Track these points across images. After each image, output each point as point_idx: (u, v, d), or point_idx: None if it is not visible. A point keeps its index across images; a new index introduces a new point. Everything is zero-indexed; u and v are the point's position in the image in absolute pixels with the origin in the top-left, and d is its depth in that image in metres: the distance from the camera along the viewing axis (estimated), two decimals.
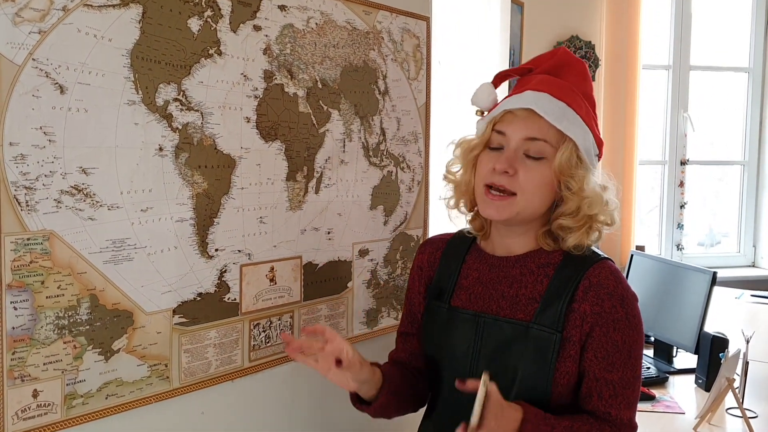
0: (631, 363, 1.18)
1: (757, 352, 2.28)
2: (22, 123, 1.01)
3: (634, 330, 1.19)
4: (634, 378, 1.19)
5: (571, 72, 1.28)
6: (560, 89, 1.24)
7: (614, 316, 1.17)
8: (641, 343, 1.21)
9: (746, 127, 4.23)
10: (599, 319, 1.17)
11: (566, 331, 1.17)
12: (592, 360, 1.18)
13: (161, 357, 1.22)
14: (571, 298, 1.19)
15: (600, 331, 1.17)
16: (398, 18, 1.64)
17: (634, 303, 1.21)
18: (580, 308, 1.18)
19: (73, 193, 1.07)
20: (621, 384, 1.17)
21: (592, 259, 1.23)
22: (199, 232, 1.26)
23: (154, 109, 1.17)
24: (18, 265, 1.02)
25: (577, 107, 1.24)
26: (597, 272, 1.20)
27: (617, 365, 1.17)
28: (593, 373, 1.18)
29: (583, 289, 1.19)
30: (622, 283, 1.21)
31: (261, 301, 1.39)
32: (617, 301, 1.18)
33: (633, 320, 1.19)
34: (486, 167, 1.24)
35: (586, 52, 3.72)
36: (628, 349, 1.18)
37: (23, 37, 1.00)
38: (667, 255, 4.12)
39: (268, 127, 1.36)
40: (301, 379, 1.51)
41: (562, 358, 1.17)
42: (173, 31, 1.19)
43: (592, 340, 1.18)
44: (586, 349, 1.18)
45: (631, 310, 1.19)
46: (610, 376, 1.17)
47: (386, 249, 1.68)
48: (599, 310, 1.17)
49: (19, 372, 1.03)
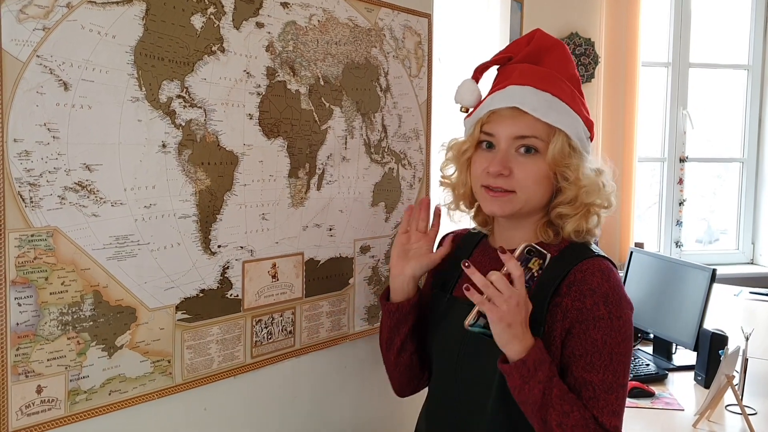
0: (612, 367, 1.13)
1: (757, 349, 2.29)
2: (27, 119, 1.01)
3: (617, 332, 1.14)
4: (617, 384, 1.14)
5: (552, 56, 1.27)
6: (543, 79, 1.23)
7: (595, 314, 1.13)
8: (627, 348, 1.16)
9: (745, 125, 4.24)
10: (579, 316, 1.14)
11: (548, 326, 1.16)
12: (571, 357, 1.15)
13: (164, 353, 1.22)
14: (555, 292, 1.17)
15: (580, 327, 1.14)
16: (400, 15, 1.64)
17: (621, 305, 1.16)
18: (562, 303, 1.16)
19: (77, 190, 1.07)
20: (602, 387, 1.13)
21: (585, 255, 1.20)
22: (202, 229, 1.26)
23: (158, 106, 1.17)
24: (22, 261, 1.02)
25: (563, 94, 1.22)
26: (584, 268, 1.18)
27: (597, 366, 1.13)
28: (572, 370, 1.15)
29: (567, 284, 1.17)
30: (610, 282, 1.16)
31: (263, 298, 1.39)
32: (600, 299, 1.14)
33: (617, 321, 1.14)
34: (480, 167, 1.25)
35: (586, 49, 3.72)
36: (609, 351, 1.13)
37: (27, 33, 1.00)
38: (666, 252, 4.13)
39: (270, 124, 1.36)
40: (303, 376, 1.52)
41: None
42: (176, 28, 1.19)
43: (571, 337, 1.15)
44: (566, 345, 1.15)
45: (615, 311, 1.14)
46: (589, 377, 1.13)
47: (388, 246, 1.68)
48: (580, 305, 1.14)
49: (23, 368, 1.04)
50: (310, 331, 1.51)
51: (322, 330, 1.54)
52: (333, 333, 1.57)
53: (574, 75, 1.28)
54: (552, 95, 1.21)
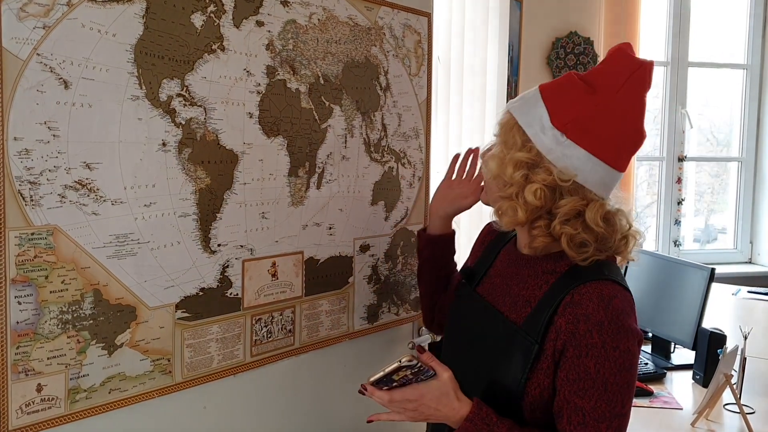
0: (607, 396, 1.07)
1: (755, 348, 2.29)
2: (27, 118, 1.01)
3: (613, 362, 1.07)
4: (612, 414, 1.08)
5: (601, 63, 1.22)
6: (554, 80, 1.21)
7: (588, 341, 1.08)
8: (625, 379, 1.09)
9: (743, 124, 4.24)
10: (572, 339, 1.09)
11: (544, 343, 1.12)
12: (564, 380, 1.10)
13: (164, 352, 1.22)
14: (554, 310, 1.12)
15: (573, 352, 1.09)
16: (400, 14, 1.64)
17: (619, 335, 1.08)
18: (557, 322, 1.11)
19: (77, 188, 1.07)
20: (592, 415, 1.08)
21: (590, 276, 1.13)
22: (202, 228, 1.26)
23: (158, 105, 1.17)
24: (22, 259, 1.02)
25: (547, 87, 1.17)
26: (583, 290, 1.11)
27: (589, 393, 1.08)
28: (563, 393, 1.10)
29: (564, 305, 1.11)
30: (608, 311, 1.08)
31: (263, 296, 1.39)
32: (593, 327, 1.08)
33: (612, 352, 1.07)
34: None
35: (585, 48, 3.72)
36: (603, 381, 1.07)
37: (28, 32, 1.00)
38: (665, 251, 4.13)
39: (270, 123, 1.36)
40: (303, 375, 1.52)
41: (537, 369, 1.12)
42: (176, 26, 1.19)
43: (564, 360, 1.10)
44: (559, 366, 1.11)
45: (610, 341, 1.07)
46: (580, 402, 1.08)
47: (387, 244, 1.68)
48: (573, 329, 1.09)
49: (23, 366, 1.04)
50: (309, 330, 1.51)
51: (321, 329, 1.54)
52: (333, 332, 1.57)
53: (588, 78, 1.17)
54: (538, 88, 1.18)
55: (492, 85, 3.13)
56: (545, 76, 3.53)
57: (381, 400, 1.12)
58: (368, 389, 1.12)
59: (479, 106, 3.06)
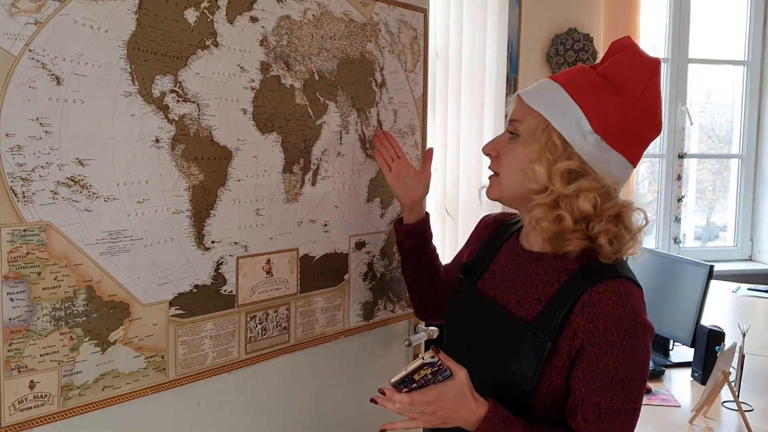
0: (624, 393, 1.09)
1: (753, 345, 2.28)
2: (19, 114, 1.00)
3: (632, 359, 1.09)
4: (627, 409, 1.09)
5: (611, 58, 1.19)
6: (568, 74, 1.18)
7: (608, 340, 1.08)
8: (641, 375, 1.11)
9: (744, 121, 4.23)
10: (591, 338, 1.09)
11: (558, 341, 1.12)
12: (581, 378, 1.10)
13: (158, 349, 1.22)
14: (570, 309, 1.12)
15: (592, 351, 1.09)
16: (395, 9, 1.64)
17: (637, 331, 1.09)
18: (575, 321, 1.11)
19: (70, 185, 1.07)
20: (609, 411, 1.09)
21: (605, 274, 1.13)
22: (196, 224, 1.26)
23: (151, 101, 1.17)
24: (14, 256, 1.02)
25: (572, 86, 1.15)
26: (601, 289, 1.11)
27: (606, 390, 1.09)
28: (580, 391, 1.10)
29: (581, 304, 1.11)
30: (626, 308, 1.10)
31: (257, 294, 1.39)
32: (613, 325, 1.08)
33: (631, 349, 1.09)
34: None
35: (584, 44, 3.71)
36: (621, 378, 1.08)
37: (19, 27, 1.00)
38: (665, 248, 4.12)
39: (264, 119, 1.36)
40: (298, 372, 1.52)
41: (549, 367, 1.12)
42: (170, 22, 1.18)
43: (582, 358, 1.10)
44: (576, 365, 1.11)
45: (629, 338, 1.08)
46: (597, 399, 1.09)
47: (383, 241, 1.68)
48: (593, 328, 1.09)
49: (16, 363, 1.03)
50: (304, 327, 1.51)
51: (316, 326, 1.54)
52: (328, 329, 1.57)
53: (607, 74, 1.16)
54: (560, 85, 1.16)
55: (491, 83, 3.13)
56: (544, 72, 3.52)
57: (401, 404, 1.08)
58: (387, 393, 1.09)
59: (478, 103, 3.05)
